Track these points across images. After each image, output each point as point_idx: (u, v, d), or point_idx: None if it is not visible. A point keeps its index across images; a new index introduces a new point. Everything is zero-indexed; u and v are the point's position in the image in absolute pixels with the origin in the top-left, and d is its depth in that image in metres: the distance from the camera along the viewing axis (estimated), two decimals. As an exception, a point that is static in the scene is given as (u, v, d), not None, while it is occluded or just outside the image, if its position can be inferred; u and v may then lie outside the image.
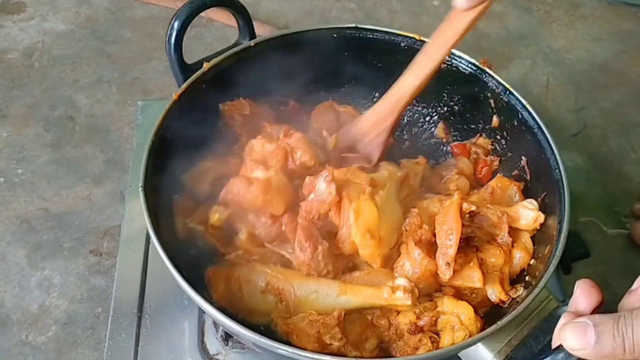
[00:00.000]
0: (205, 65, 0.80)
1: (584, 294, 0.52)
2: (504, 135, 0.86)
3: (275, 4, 1.48)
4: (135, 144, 1.04)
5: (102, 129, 1.18)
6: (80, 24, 1.40)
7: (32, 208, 1.05)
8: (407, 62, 0.88)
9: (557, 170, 0.73)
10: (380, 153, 0.83)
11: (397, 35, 0.87)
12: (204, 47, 1.32)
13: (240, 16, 0.87)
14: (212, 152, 0.80)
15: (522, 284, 0.70)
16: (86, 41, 1.36)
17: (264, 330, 0.67)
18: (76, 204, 1.05)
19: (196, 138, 0.78)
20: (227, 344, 0.79)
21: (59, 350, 0.88)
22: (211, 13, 1.39)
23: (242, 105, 0.84)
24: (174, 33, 0.79)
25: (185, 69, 0.81)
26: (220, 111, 0.82)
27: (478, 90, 0.85)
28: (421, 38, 0.86)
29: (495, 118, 0.86)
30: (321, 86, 0.87)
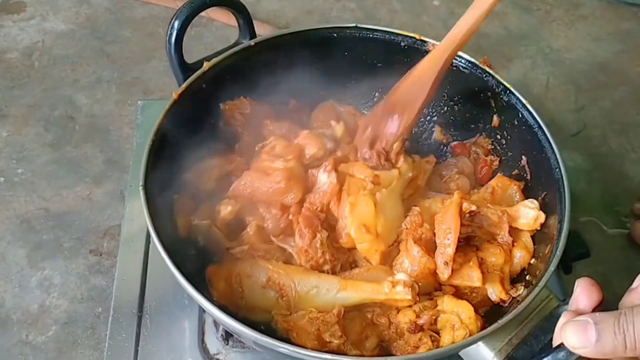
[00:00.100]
0: (205, 64, 0.80)
1: (584, 293, 0.52)
2: (504, 134, 0.86)
3: (275, 4, 1.48)
4: (135, 144, 1.04)
5: (102, 129, 1.18)
6: (80, 24, 1.40)
7: (32, 208, 1.05)
8: (408, 62, 0.88)
9: (558, 169, 0.73)
10: (425, 97, 0.77)
11: (398, 34, 0.87)
12: (204, 47, 1.32)
13: (240, 15, 0.87)
14: (213, 151, 0.80)
15: (523, 283, 0.70)
16: (86, 41, 1.36)
17: (265, 329, 0.67)
18: (76, 204, 1.05)
19: (196, 137, 0.78)
20: (228, 344, 0.79)
21: (59, 350, 0.88)
22: (211, 13, 1.39)
23: (243, 104, 0.84)
24: (174, 32, 0.79)
25: (185, 69, 0.81)
26: (220, 110, 0.83)
27: (478, 89, 0.85)
28: (421, 38, 0.87)
29: (495, 117, 0.86)
30: (321, 85, 0.87)
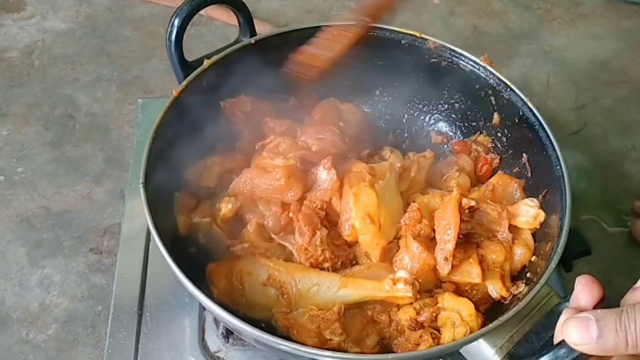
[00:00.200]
0: (205, 62, 0.80)
1: (585, 290, 0.52)
2: (505, 132, 0.86)
3: (275, 3, 1.48)
4: (135, 142, 1.04)
5: (102, 128, 1.18)
6: (80, 23, 1.40)
7: (33, 206, 1.04)
8: (408, 60, 0.89)
9: (558, 167, 0.72)
10: None
11: (398, 32, 0.87)
12: (204, 46, 1.32)
13: (240, 14, 0.86)
14: (213, 149, 0.80)
15: (524, 281, 0.70)
16: (86, 40, 1.36)
17: (265, 327, 0.67)
18: (76, 203, 1.05)
19: (197, 135, 0.78)
20: (228, 341, 0.79)
21: (60, 348, 0.88)
22: (211, 11, 1.39)
23: (243, 102, 0.84)
24: (175, 30, 0.79)
25: (185, 67, 0.81)
26: (221, 108, 0.82)
27: (479, 87, 0.85)
28: (422, 35, 0.86)
29: (496, 115, 0.86)
30: (322, 83, 0.87)
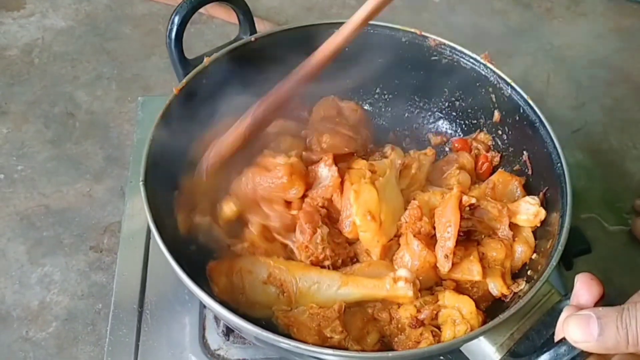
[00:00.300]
0: (205, 60, 0.80)
1: (584, 287, 0.52)
2: (505, 130, 0.85)
3: (275, 1, 1.48)
4: (135, 140, 1.04)
5: (102, 126, 1.18)
6: (80, 21, 1.40)
7: (33, 204, 1.04)
8: (409, 57, 0.89)
9: (559, 164, 0.72)
10: None
11: (398, 30, 0.87)
12: (204, 44, 1.32)
13: (240, 11, 0.86)
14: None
15: (524, 279, 0.70)
16: (86, 38, 1.36)
17: (265, 324, 0.67)
18: (76, 201, 1.05)
19: (197, 133, 0.77)
20: (228, 339, 0.79)
21: (60, 346, 0.88)
22: (211, 10, 1.39)
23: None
24: (175, 28, 0.79)
25: (185, 64, 0.81)
26: (221, 106, 0.82)
27: (479, 85, 0.85)
28: (422, 33, 0.86)
29: (496, 113, 0.86)
30: (322, 81, 0.87)
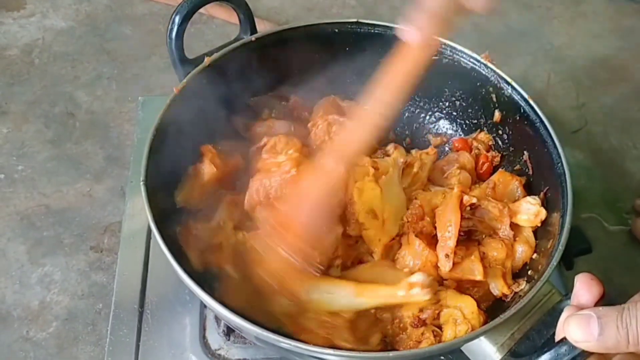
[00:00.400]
0: (206, 59, 0.80)
1: (584, 287, 0.52)
2: (506, 130, 0.85)
3: (275, 1, 1.48)
4: (136, 140, 1.04)
5: (103, 126, 1.17)
6: (80, 21, 1.40)
7: (33, 204, 1.04)
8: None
9: (560, 164, 0.72)
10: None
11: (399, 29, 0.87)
12: (205, 44, 1.31)
13: (241, 11, 0.86)
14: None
15: (525, 278, 0.70)
16: (86, 38, 1.36)
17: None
18: (77, 201, 1.05)
19: (198, 132, 0.77)
20: (229, 339, 0.79)
21: (60, 346, 0.88)
22: (212, 10, 1.39)
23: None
24: (175, 28, 0.79)
25: (186, 64, 0.81)
26: (221, 104, 0.82)
27: (480, 85, 0.85)
28: (423, 32, 0.86)
29: (497, 113, 0.85)
30: (323, 81, 0.87)
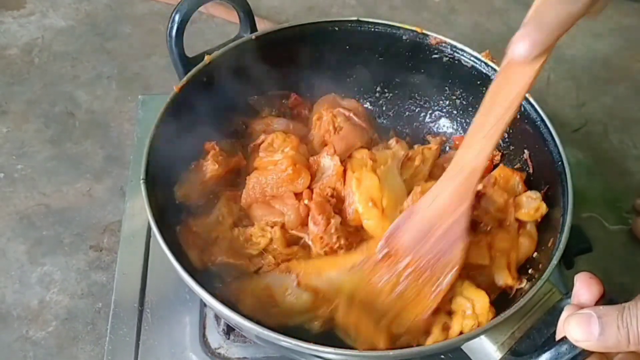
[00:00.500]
0: (206, 58, 0.80)
1: (584, 287, 0.52)
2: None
3: (276, 0, 1.48)
4: (136, 139, 1.04)
5: (103, 125, 1.17)
6: (80, 20, 1.40)
7: (33, 204, 1.04)
8: (410, 56, 0.88)
9: (560, 163, 0.72)
10: (464, 246, 0.65)
11: (399, 28, 0.87)
12: (205, 43, 1.30)
13: (241, 9, 0.86)
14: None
15: (526, 277, 0.70)
16: (86, 37, 1.36)
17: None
18: (76, 200, 1.05)
19: (198, 131, 0.77)
20: (229, 338, 0.79)
21: (60, 345, 0.88)
22: (212, 8, 1.39)
23: None
24: (175, 26, 0.79)
25: (186, 63, 0.81)
26: (221, 104, 0.82)
27: (480, 83, 0.85)
28: (423, 31, 0.86)
29: (497, 112, 0.85)
30: (323, 79, 0.87)
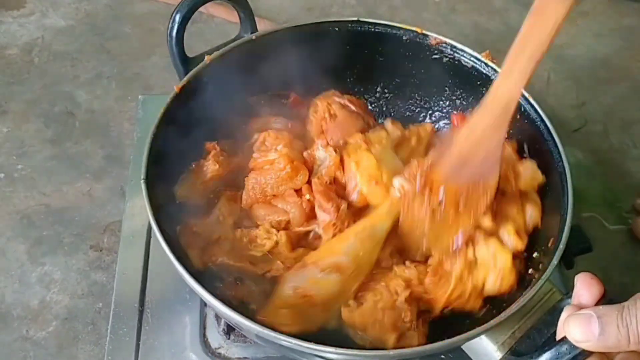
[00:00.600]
0: (206, 58, 0.80)
1: (584, 287, 0.52)
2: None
3: (275, 0, 1.48)
4: (136, 138, 1.04)
5: (102, 125, 1.18)
6: (80, 20, 1.40)
7: (33, 203, 1.04)
8: (410, 56, 0.88)
9: (560, 163, 0.72)
10: (498, 172, 0.69)
11: (399, 28, 0.87)
12: (205, 43, 1.30)
13: (241, 10, 0.86)
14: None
15: (530, 272, 0.70)
16: (86, 37, 1.36)
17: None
18: (76, 200, 1.05)
19: (198, 130, 0.77)
20: (229, 338, 0.79)
21: (60, 345, 0.88)
22: (212, 8, 1.39)
23: None
24: (176, 26, 0.79)
25: (186, 63, 0.81)
26: (222, 103, 0.82)
27: (480, 83, 0.85)
28: (423, 31, 0.86)
29: (497, 111, 0.85)
30: (323, 80, 0.87)
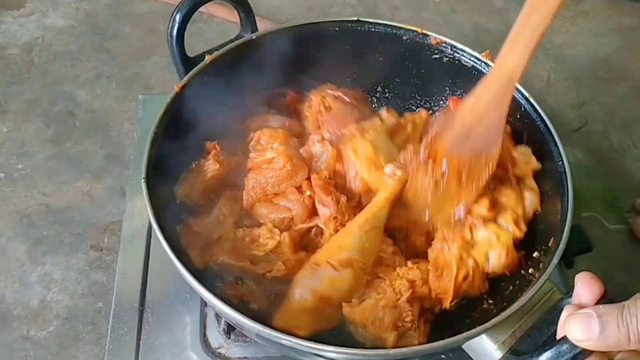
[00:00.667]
0: (207, 57, 0.80)
1: (585, 286, 0.52)
2: (506, 127, 0.85)
3: (275, 0, 1.48)
4: (136, 138, 1.04)
5: (103, 125, 1.18)
6: (80, 20, 1.40)
7: (33, 203, 1.04)
8: (409, 56, 0.88)
9: (561, 162, 0.72)
10: (500, 145, 0.71)
11: (399, 28, 0.87)
12: (205, 43, 1.30)
13: (241, 9, 0.86)
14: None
15: (529, 272, 0.70)
16: (86, 37, 1.36)
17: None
18: (77, 200, 1.05)
19: (198, 130, 0.77)
20: (230, 337, 0.79)
21: (60, 345, 0.88)
22: (212, 8, 1.39)
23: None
24: (176, 26, 0.79)
25: (186, 62, 0.81)
26: (222, 103, 0.82)
27: (480, 83, 0.85)
28: (423, 31, 0.86)
29: (497, 111, 0.85)
30: (323, 79, 0.87)
